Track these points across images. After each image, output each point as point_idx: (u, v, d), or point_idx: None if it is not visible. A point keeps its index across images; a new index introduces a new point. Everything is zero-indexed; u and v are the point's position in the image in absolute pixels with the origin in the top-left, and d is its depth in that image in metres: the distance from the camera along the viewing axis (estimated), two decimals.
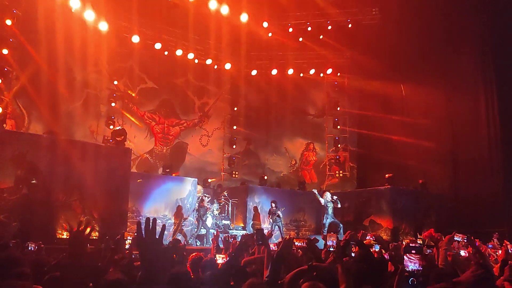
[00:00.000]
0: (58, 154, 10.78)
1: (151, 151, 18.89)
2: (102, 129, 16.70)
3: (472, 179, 15.61)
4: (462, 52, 16.12)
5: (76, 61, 16.51)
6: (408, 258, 2.55)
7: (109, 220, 11.24)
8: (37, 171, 10.47)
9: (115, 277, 3.20)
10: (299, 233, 16.45)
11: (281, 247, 4.91)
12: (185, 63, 19.24)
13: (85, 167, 11.06)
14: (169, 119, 19.55)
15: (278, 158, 21.55)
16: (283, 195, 16.63)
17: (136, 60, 18.26)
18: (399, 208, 14.95)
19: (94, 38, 16.63)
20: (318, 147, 21.44)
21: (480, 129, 15.81)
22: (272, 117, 21.16)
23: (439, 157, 16.71)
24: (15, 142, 10.57)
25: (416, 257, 2.54)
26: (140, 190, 13.25)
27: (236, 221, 16.10)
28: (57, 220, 10.69)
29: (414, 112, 17.59)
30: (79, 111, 16.81)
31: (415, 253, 2.59)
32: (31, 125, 15.27)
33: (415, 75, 17.06)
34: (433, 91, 16.84)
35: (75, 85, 16.75)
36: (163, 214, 13.72)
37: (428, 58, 16.59)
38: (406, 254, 2.61)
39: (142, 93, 18.88)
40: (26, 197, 10.24)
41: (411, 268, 2.55)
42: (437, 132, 16.82)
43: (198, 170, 19.13)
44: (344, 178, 20.48)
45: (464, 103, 16.40)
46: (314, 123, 21.58)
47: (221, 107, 21.15)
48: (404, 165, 17.29)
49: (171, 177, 14.78)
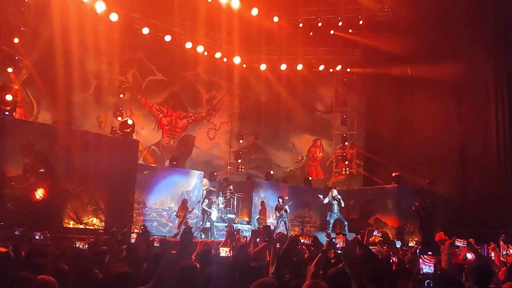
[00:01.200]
0: (67, 144, 10.84)
1: (158, 143, 18.94)
2: (110, 120, 16.76)
3: (480, 179, 15.49)
4: (473, 52, 15.93)
5: (86, 51, 16.55)
6: (423, 260, 2.52)
7: (115, 210, 11.32)
8: (45, 161, 10.55)
9: (122, 269, 3.21)
10: (304, 229, 16.47)
11: (286, 244, 4.92)
12: (195, 56, 19.20)
13: (93, 157, 11.13)
14: (177, 111, 19.56)
15: (285, 154, 21.52)
16: (289, 191, 16.62)
17: (145, 51, 18.28)
18: (405, 207, 14.87)
19: (104, 29, 16.67)
20: (325, 144, 21.37)
21: (489, 128, 15.67)
22: (280, 113, 21.08)
23: (446, 157, 16.60)
24: (24, 131, 10.64)
25: (431, 260, 2.51)
26: (147, 182, 13.30)
27: (241, 215, 16.13)
28: (64, 209, 10.78)
29: (423, 111, 17.45)
30: (87, 102, 16.86)
31: (431, 255, 2.56)
32: (39, 114, 15.34)
33: (425, 74, 16.91)
34: (443, 90, 16.72)
35: (84, 76, 16.78)
36: (168, 206, 13.78)
37: (438, 58, 16.39)
38: (421, 256, 2.59)
39: (150, 85, 18.90)
40: (34, 185, 10.32)
41: (425, 270, 2.53)
42: (446, 132, 16.70)
43: (204, 164, 19.16)
44: (350, 175, 20.41)
45: (473, 103, 16.27)
46: (322, 119, 21.49)
47: (229, 101, 21.13)
48: (412, 164, 17.20)
49: (178, 169, 14.82)
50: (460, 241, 6.05)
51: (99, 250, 5.35)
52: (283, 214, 14.65)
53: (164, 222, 13.66)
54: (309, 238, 5.11)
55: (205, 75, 20.18)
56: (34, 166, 10.41)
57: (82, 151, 11.04)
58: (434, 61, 16.26)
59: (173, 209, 13.86)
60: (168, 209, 13.73)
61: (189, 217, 13.86)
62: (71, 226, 10.71)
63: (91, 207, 11.17)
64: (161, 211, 13.62)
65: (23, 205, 10.06)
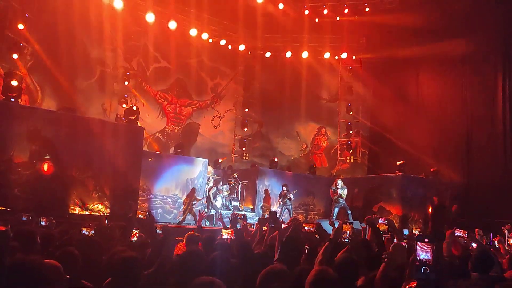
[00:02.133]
0: (72, 131, 10.89)
1: (163, 130, 18.98)
2: (115, 107, 16.79)
3: (485, 168, 15.42)
4: (480, 40, 15.70)
5: (90, 38, 16.54)
6: (420, 247, 2.54)
7: (121, 197, 11.38)
8: (51, 147, 10.60)
9: (127, 254, 3.25)
10: (308, 217, 16.51)
11: (290, 230, 4.95)
12: (199, 43, 19.16)
13: (98, 144, 11.17)
14: (182, 99, 19.56)
15: (289, 142, 21.52)
16: (293, 179, 16.64)
17: (150, 39, 18.22)
18: (409, 195, 14.87)
19: (109, 16, 16.61)
20: (330, 132, 21.33)
21: (495, 117, 15.54)
22: (285, 101, 21.01)
23: (452, 145, 16.53)
24: (30, 117, 10.68)
25: (428, 247, 2.53)
26: (152, 169, 13.36)
27: (246, 202, 16.20)
28: (69, 195, 10.86)
29: (428, 99, 17.34)
30: (92, 89, 16.89)
31: (427, 242, 2.57)
32: (44, 101, 15.38)
33: (431, 61, 16.77)
34: (449, 78, 16.58)
35: (89, 63, 16.79)
36: (173, 194, 13.86)
37: (444, 45, 16.20)
38: (418, 243, 2.60)
39: (155, 72, 18.88)
40: (40, 172, 10.39)
41: (422, 257, 2.54)
42: (451, 120, 16.60)
43: (209, 151, 19.21)
44: (355, 163, 20.39)
45: (479, 91, 16.12)
46: (327, 107, 21.41)
47: (234, 89, 21.09)
48: (417, 152, 17.13)
49: (182, 157, 14.87)
50: (460, 231, 6.08)
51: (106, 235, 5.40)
52: (287, 202, 14.70)
53: (169, 209, 13.75)
54: (312, 225, 5.13)
55: (209, 63, 20.13)
56: (40, 152, 10.47)
57: (88, 137, 11.10)
58: (440, 39, 15.98)
59: (178, 196, 13.94)
60: (173, 196, 13.81)
61: (194, 204, 13.93)
62: (77, 212, 10.80)
63: (96, 194, 11.25)
64: (166, 198, 13.71)
65: (29, 191, 10.15)
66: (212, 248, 4.55)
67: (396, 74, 18.46)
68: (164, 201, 13.69)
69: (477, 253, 4.38)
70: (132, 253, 3.36)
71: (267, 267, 3.08)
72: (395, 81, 18.08)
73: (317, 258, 3.73)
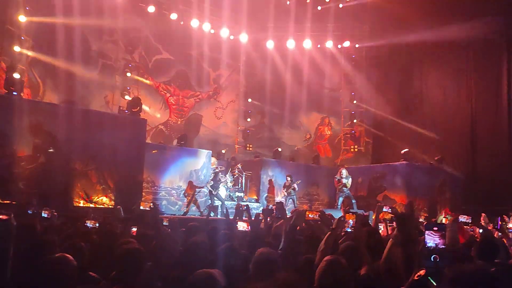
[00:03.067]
0: (75, 124, 10.87)
1: (166, 122, 18.95)
2: (117, 100, 16.75)
3: (489, 156, 15.35)
4: (483, 25, 15.46)
5: (92, 30, 16.47)
6: (429, 235, 2.51)
7: (125, 190, 11.39)
8: (54, 140, 10.59)
9: (130, 246, 3.23)
10: (312, 207, 16.51)
11: (294, 219, 4.92)
12: (201, 34, 19.05)
13: (101, 137, 11.15)
14: (184, 90, 19.51)
15: (293, 132, 21.45)
16: (297, 169, 16.61)
17: (151, 30, 18.14)
18: (414, 184, 14.83)
19: (110, 8, 16.53)
20: (333, 122, 21.25)
21: (500, 105, 15.44)
22: (288, 91, 20.92)
23: (457, 134, 16.45)
24: (32, 111, 10.67)
25: (437, 234, 2.49)
26: (155, 161, 13.36)
27: (250, 193, 16.21)
28: (73, 188, 10.88)
29: (433, 89, 17.22)
30: (94, 81, 16.86)
31: (437, 230, 2.54)
32: (45, 95, 15.36)
33: (435, 52, 16.60)
34: (453, 68, 16.43)
35: (90, 55, 16.74)
36: (177, 185, 13.87)
37: (448, 31, 16.00)
38: (427, 231, 2.57)
39: (157, 64, 18.81)
40: (44, 165, 10.40)
41: (430, 245, 2.51)
42: (456, 108, 16.51)
43: (212, 143, 19.16)
44: (359, 153, 20.34)
45: (484, 80, 15.99)
46: (330, 97, 21.30)
47: (236, 80, 21.00)
48: (421, 141, 17.06)
49: (186, 148, 14.85)
50: (464, 217, 6.04)
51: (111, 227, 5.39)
52: (291, 192, 14.68)
53: (173, 200, 13.77)
54: (316, 213, 5.10)
55: (211, 54, 20.00)
56: (44, 146, 10.46)
57: (90, 130, 11.08)
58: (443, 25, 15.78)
59: (182, 188, 13.95)
60: (177, 187, 13.83)
61: (198, 195, 13.95)
62: (82, 205, 10.83)
63: (100, 186, 11.27)
64: (170, 189, 13.72)
65: (33, 184, 10.16)
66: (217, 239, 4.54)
67: (399, 62, 18.32)
68: (169, 193, 13.71)
69: (481, 240, 4.35)
70: (135, 245, 3.34)
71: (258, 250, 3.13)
72: (399, 69, 17.94)
73: (319, 247, 3.72)
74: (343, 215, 4.49)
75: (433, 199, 14.90)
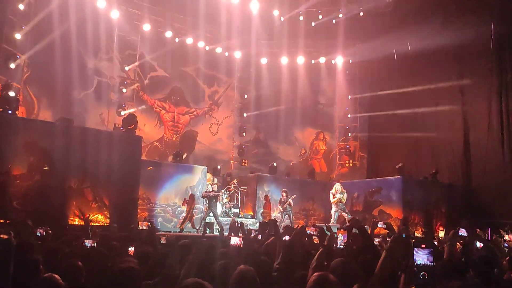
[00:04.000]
0: (70, 142, 10.85)
1: (161, 139, 18.97)
2: (113, 117, 16.78)
3: (484, 169, 15.43)
4: (476, 44, 15.64)
5: (87, 48, 16.57)
6: (417, 252, 2.54)
7: (120, 207, 11.34)
8: (50, 158, 10.56)
9: (125, 265, 3.23)
10: (308, 223, 16.46)
11: (293, 235, 4.94)
12: (196, 51, 19.24)
13: (97, 154, 11.12)
14: (179, 107, 19.58)
15: (288, 147, 21.52)
16: (293, 184, 16.62)
17: (147, 48, 18.28)
18: (409, 198, 14.87)
19: (105, 26, 16.67)
20: (328, 137, 21.36)
21: (493, 118, 15.58)
22: (282, 106, 21.07)
23: (451, 147, 16.56)
24: (27, 129, 10.66)
25: (425, 252, 2.52)
26: (151, 177, 13.34)
27: (246, 209, 16.17)
28: (69, 206, 10.81)
29: (426, 103, 17.35)
30: (90, 99, 16.90)
31: (425, 247, 2.57)
32: (40, 112, 15.36)
33: (428, 66, 16.79)
34: (446, 82, 16.57)
35: (86, 73, 16.82)
36: (173, 202, 13.83)
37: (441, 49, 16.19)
38: (416, 248, 2.60)
39: (152, 81, 18.92)
40: (39, 183, 10.35)
41: (419, 262, 2.54)
42: (449, 122, 16.64)
43: (207, 159, 19.19)
44: (354, 167, 20.41)
45: (477, 93, 16.16)
46: (324, 112, 21.46)
47: (231, 96, 21.13)
48: (415, 155, 17.16)
49: (181, 165, 14.85)
50: (463, 231, 6.06)
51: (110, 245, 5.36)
52: (287, 207, 14.67)
53: (169, 217, 13.72)
54: (315, 229, 5.12)
55: (206, 70, 20.20)
56: (39, 164, 10.42)
57: (85, 148, 11.04)
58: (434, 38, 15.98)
59: (178, 205, 13.90)
60: (172, 204, 13.78)
61: (194, 212, 13.90)
62: (76, 223, 10.75)
63: (96, 204, 11.21)
64: (165, 206, 13.68)
65: (28, 203, 10.09)
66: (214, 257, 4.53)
67: (393, 77, 18.49)
68: (164, 210, 13.66)
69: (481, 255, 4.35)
70: (131, 264, 3.33)
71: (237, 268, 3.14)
72: (392, 84, 18.08)
73: (311, 263, 3.73)
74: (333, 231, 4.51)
75: (429, 213, 14.93)
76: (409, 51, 16.78)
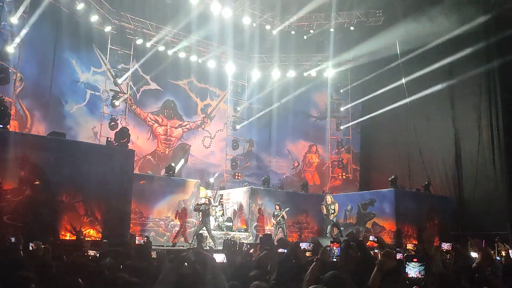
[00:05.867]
0: (62, 156, 10.77)
1: (154, 152, 18.92)
2: (105, 131, 16.71)
3: (476, 182, 15.53)
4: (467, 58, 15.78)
5: (80, 62, 16.58)
6: (409, 266, 2.54)
7: (113, 221, 11.22)
8: (41, 173, 10.46)
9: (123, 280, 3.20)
10: (302, 235, 16.42)
11: (287, 250, 4.93)
12: (188, 65, 19.34)
13: (89, 168, 11.04)
14: (172, 120, 19.58)
15: (281, 160, 21.55)
16: (286, 197, 16.59)
17: (139, 61, 18.31)
18: (402, 210, 14.89)
19: (98, 39, 16.71)
20: (320, 149, 21.43)
21: (484, 131, 15.73)
22: (275, 119, 21.16)
23: (443, 159, 16.68)
24: (18, 143, 10.53)
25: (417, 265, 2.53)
26: (143, 191, 13.24)
27: (239, 223, 16.08)
28: (60, 221, 10.68)
29: (418, 115, 17.50)
30: (82, 112, 16.86)
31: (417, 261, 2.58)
32: (33, 126, 15.28)
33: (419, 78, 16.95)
34: (437, 95, 16.72)
35: (78, 86, 16.81)
36: (165, 216, 13.72)
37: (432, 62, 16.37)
38: (408, 262, 2.61)
39: (145, 94, 18.94)
40: (30, 198, 10.23)
41: (411, 275, 2.55)
42: (441, 135, 16.77)
43: (200, 172, 19.14)
44: (347, 180, 20.46)
45: (467, 106, 16.34)
46: (317, 125, 21.58)
47: (224, 109, 21.18)
48: (408, 167, 17.25)
49: (174, 178, 14.78)
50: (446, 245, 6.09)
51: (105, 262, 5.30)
52: (281, 220, 14.62)
53: (162, 231, 13.60)
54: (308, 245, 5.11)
55: (199, 84, 20.30)
56: (30, 178, 10.31)
57: (77, 162, 10.96)
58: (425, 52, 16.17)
59: (170, 219, 13.80)
60: (165, 218, 13.67)
61: (187, 226, 13.80)
62: (68, 238, 10.62)
63: (87, 218, 11.07)
64: (158, 220, 13.57)
65: (19, 218, 9.96)
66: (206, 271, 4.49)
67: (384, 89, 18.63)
68: (157, 224, 13.54)
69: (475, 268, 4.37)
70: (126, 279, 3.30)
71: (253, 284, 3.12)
72: (384, 96, 18.23)
73: (305, 277, 3.72)
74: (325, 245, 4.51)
75: (421, 225, 14.96)
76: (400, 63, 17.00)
